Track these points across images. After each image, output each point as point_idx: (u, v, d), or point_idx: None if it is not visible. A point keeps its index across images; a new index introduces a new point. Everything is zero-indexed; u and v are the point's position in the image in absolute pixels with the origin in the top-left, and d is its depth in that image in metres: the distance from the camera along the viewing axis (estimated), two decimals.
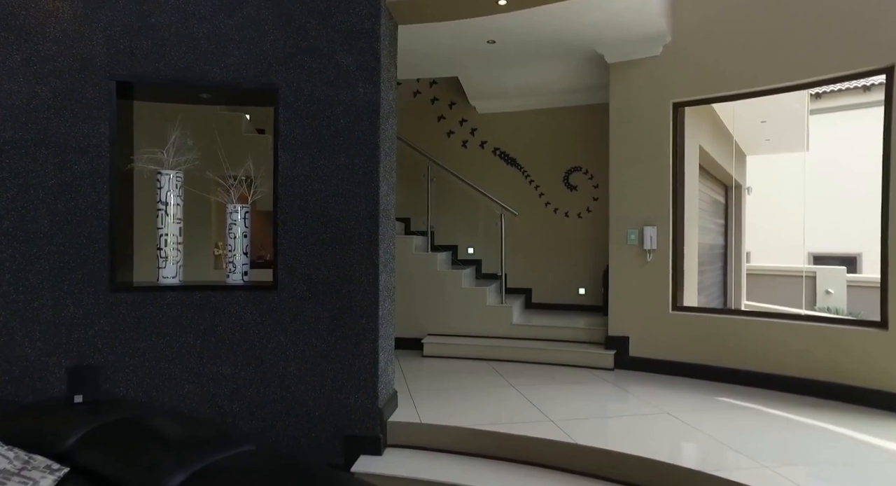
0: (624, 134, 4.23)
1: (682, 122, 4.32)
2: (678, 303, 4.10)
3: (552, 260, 5.61)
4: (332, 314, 2.83)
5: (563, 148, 5.59)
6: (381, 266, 2.90)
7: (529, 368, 4.22)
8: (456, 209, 5.82)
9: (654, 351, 4.07)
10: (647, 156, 4.15)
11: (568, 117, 5.57)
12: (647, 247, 4.09)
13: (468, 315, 4.79)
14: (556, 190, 5.61)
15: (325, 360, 2.83)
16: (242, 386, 2.78)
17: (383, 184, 2.94)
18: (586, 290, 5.50)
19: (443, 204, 5.87)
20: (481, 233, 5.78)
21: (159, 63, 2.68)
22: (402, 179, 5.87)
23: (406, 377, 3.89)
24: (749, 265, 8.33)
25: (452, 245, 5.89)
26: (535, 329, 4.66)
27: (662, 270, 4.08)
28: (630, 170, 4.21)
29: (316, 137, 2.83)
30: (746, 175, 8.30)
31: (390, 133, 3.07)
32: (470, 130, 5.83)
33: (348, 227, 2.84)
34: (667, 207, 4.09)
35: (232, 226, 2.93)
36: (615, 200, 4.26)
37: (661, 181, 4.11)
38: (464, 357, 4.51)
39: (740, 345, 3.73)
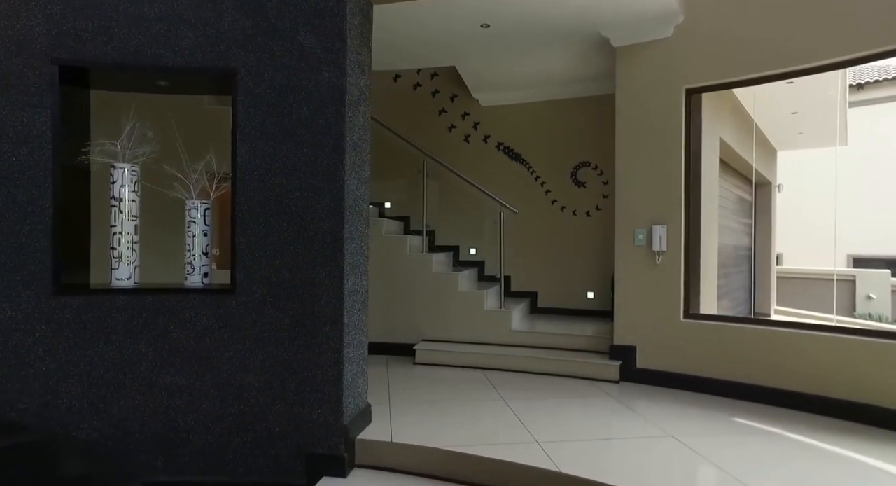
0: (631, 124, 3.87)
1: (698, 111, 3.93)
2: (691, 310, 3.72)
3: (559, 262, 5.26)
4: (294, 321, 2.58)
5: (571, 142, 5.24)
6: (349, 268, 2.64)
7: (526, 379, 3.90)
8: (457, 208, 5.53)
9: (664, 363, 3.70)
10: (657, 148, 3.78)
11: (576, 109, 5.21)
12: (656, 248, 3.72)
13: (464, 320, 4.49)
14: (564, 187, 5.27)
15: (286, 371, 2.58)
16: (197, 398, 2.56)
17: (351, 178, 2.68)
18: (595, 294, 5.14)
19: (444, 202, 5.58)
20: (485, 233, 5.47)
21: (106, 46, 2.47)
22: (400, 177, 5.64)
23: (390, 387, 3.62)
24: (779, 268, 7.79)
25: (454, 246, 5.60)
26: (535, 336, 4.34)
27: (673, 273, 3.70)
28: (638, 164, 3.84)
29: (277, 127, 2.58)
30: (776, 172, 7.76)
31: (361, 122, 2.81)
32: (472, 123, 5.53)
33: (311, 225, 2.58)
34: (678, 205, 3.72)
35: (190, 224, 2.71)
36: (621, 196, 3.91)
37: (672, 176, 3.73)
38: (457, 365, 4.22)
39: (762, 358, 3.34)
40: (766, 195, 7.56)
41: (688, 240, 3.75)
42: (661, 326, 3.73)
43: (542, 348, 4.26)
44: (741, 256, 6.86)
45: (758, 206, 7.49)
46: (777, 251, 7.78)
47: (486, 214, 5.35)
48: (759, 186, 7.33)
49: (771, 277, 7.57)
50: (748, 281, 7.03)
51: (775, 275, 7.67)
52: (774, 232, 7.66)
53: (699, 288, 3.99)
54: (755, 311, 6.74)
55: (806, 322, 3.41)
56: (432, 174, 5.27)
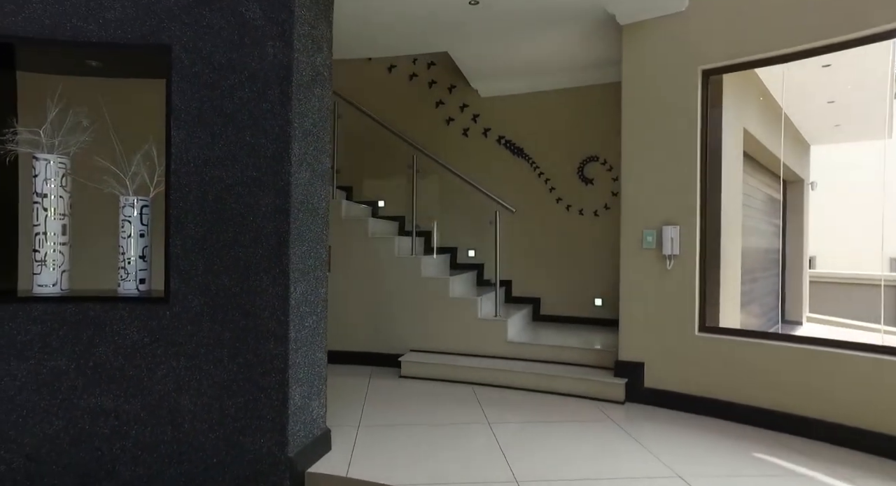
0: (639, 112, 3.43)
1: (718, 96, 3.47)
2: (707, 322, 3.26)
3: (564, 266, 4.83)
4: (234, 335, 2.24)
5: (578, 135, 4.80)
6: (297, 274, 2.28)
7: (520, 397, 3.49)
8: (456, 207, 5.15)
9: (675, 382, 3.25)
10: (669, 139, 3.33)
11: (582, 99, 4.77)
12: (667, 252, 3.27)
13: (456, 330, 4.11)
14: (570, 184, 4.83)
15: (225, 392, 2.24)
16: (126, 423, 2.23)
17: (302, 170, 2.32)
18: (604, 301, 4.69)
19: (440, 201, 5.21)
20: (485, 234, 5.06)
21: (17, 16, 2.16)
22: (396, 174, 5.29)
23: (366, 405, 3.26)
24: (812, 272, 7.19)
25: (451, 247, 5.21)
26: (533, 349, 3.92)
27: (687, 280, 3.25)
28: (647, 157, 3.40)
29: (216, 111, 2.24)
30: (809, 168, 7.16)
31: (317, 106, 2.45)
32: (472, 116, 5.14)
33: (254, 224, 2.24)
34: (693, 203, 3.26)
35: (125, 223, 2.39)
36: (628, 193, 3.46)
37: (686, 170, 3.28)
38: (446, 380, 3.83)
39: (792, 381, 2.86)
40: (797, 194, 6.97)
41: (704, 243, 3.29)
42: (673, 340, 3.28)
43: (541, 362, 3.85)
44: (770, 259, 6.31)
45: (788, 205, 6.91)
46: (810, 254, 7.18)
47: (486, 213, 4.94)
48: (789, 184, 6.74)
49: (803, 281, 6.97)
50: (778, 286, 6.47)
51: (808, 279, 7.07)
52: (807, 233, 7.06)
53: (718, 297, 3.53)
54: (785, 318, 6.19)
55: (848, 340, 2.91)
56: (428, 171, 4.90)
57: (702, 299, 3.25)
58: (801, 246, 7.16)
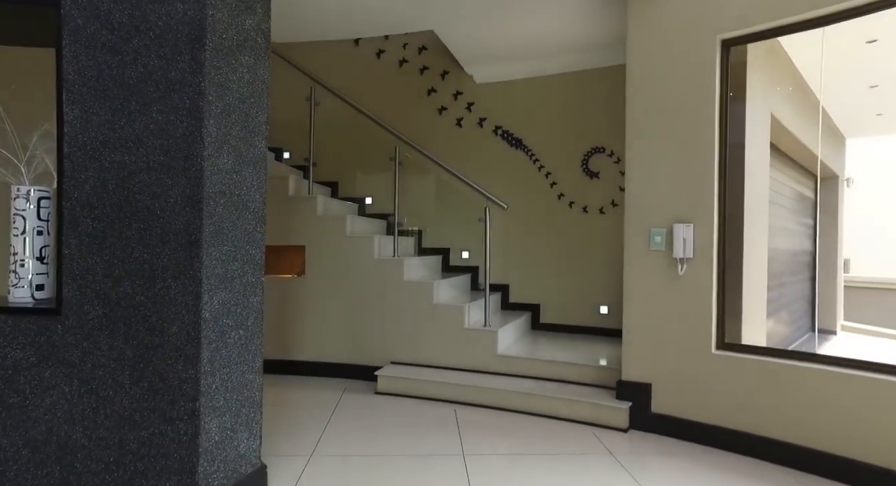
0: (647, 92, 2.95)
1: (741, 76, 2.98)
2: (727, 338, 2.76)
3: (566, 269, 4.35)
4: (137, 354, 1.84)
5: (582, 124, 4.32)
6: (213, 281, 1.88)
7: (507, 421, 3.03)
8: (448, 204, 4.71)
9: (688, 408, 2.76)
10: (682, 123, 2.84)
11: (587, 84, 4.29)
12: (678, 254, 2.79)
13: (440, 340, 3.67)
14: (573, 178, 4.35)
15: (126, 424, 1.84)
16: (2, 462, 1.85)
17: (223, 154, 1.91)
18: (610, 309, 4.20)
19: (432, 198, 4.78)
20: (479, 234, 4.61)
21: None
22: (386, 170, 4.87)
23: (328, 428, 2.84)
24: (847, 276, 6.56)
25: (444, 248, 4.78)
26: (525, 364, 3.46)
27: (702, 288, 2.76)
28: (655, 144, 2.91)
29: (118, 82, 1.85)
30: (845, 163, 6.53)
31: (247, 78, 2.04)
32: (466, 104, 4.69)
33: (162, 219, 1.84)
34: (710, 198, 2.77)
35: (16, 218, 2.02)
36: (633, 186, 2.98)
37: (702, 160, 2.79)
38: (426, 398, 3.40)
39: (832, 413, 2.36)
40: (831, 191, 6.36)
41: (724, 244, 2.79)
42: (685, 358, 2.79)
43: (534, 379, 3.39)
44: (800, 262, 5.73)
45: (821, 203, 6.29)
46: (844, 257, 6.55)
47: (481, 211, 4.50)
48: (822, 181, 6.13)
49: (837, 286, 6.35)
50: (809, 291, 5.88)
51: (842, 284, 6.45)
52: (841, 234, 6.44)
53: (739, 308, 3.03)
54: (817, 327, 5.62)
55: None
56: (420, 164, 4.47)
57: (720, 310, 2.76)
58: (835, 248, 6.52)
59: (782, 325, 4.73)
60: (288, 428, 2.83)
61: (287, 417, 3.01)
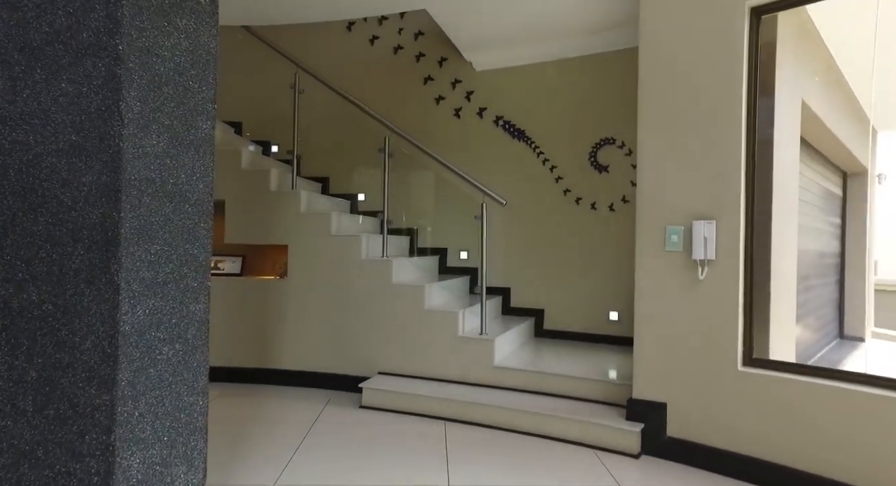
0: (662, 75, 2.58)
1: (771, 53, 2.61)
2: (755, 353, 2.39)
3: (572, 271, 3.99)
4: (43, 374, 1.53)
5: (590, 113, 3.96)
6: (137, 287, 1.55)
7: (501, 442, 2.69)
8: (446, 201, 4.37)
9: (709, 433, 2.39)
10: (703, 107, 2.47)
11: (596, 70, 3.93)
12: (698, 255, 2.42)
13: (432, 349, 3.33)
14: (580, 172, 3.99)
15: (26, 460, 1.53)
16: None
17: (149, 134, 1.59)
18: (620, 315, 3.83)
19: (426, 194, 4.45)
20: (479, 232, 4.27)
21: None
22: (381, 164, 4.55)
23: (298, 450, 2.52)
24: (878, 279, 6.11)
25: (441, 248, 4.44)
26: (525, 377, 3.11)
27: (726, 294, 2.39)
28: (671, 132, 2.55)
29: (18, 45, 1.54)
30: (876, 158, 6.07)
31: (183, 45, 1.72)
32: (465, 93, 4.35)
33: (74, 211, 1.52)
34: (736, 191, 2.40)
35: None
36: (646, 180, 2.62)
37: (727, 148, 2.42)
38: (414, 414, 3.06)
39: (888, 446, 1.98)
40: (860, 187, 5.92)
41: (751, 244, 2.42)
42: (706, 375, 2.42)
43: (535, 394, 3.04)
44: (826, 264, 5.31)
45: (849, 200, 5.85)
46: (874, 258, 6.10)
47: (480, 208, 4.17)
48: (850, 176, 5.68)
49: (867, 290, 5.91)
50: (836, 295, 5.46)
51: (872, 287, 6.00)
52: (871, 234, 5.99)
53: (768, 317, 2.65)
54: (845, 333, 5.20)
55: None
56: (413, 158, 4.14)
57: (747, 320, 2.39)
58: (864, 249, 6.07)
59: (808, 332, 4.33)
60: (251, 452, 2.51)
61: (254, 437, 2.69)
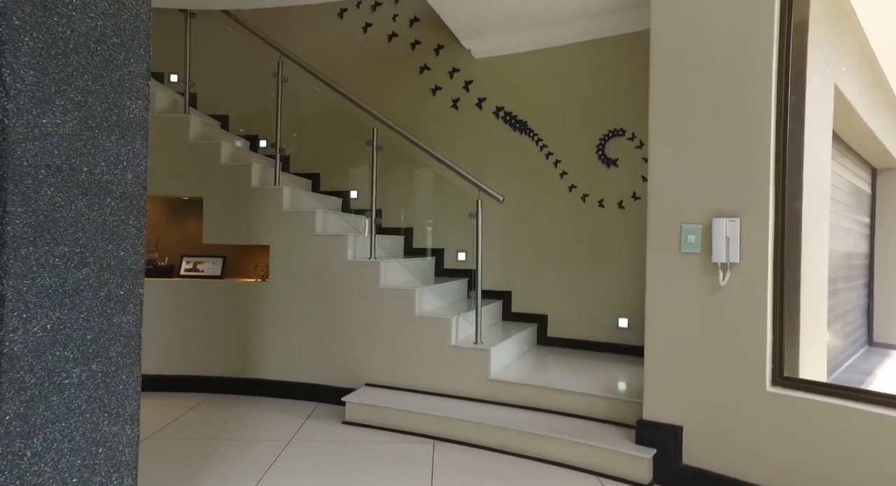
0: (677, 55, 2.28)
1: (804, 27, 2.30)
2: (786, 371, 2.07)
3: (578, 274, 3.69)
4: None
5: (598, 102, 3.65)
6: (31, 296, 1.29)
7: (494, 466, 2.40)
8: (443, 199, 4.10)
9: (733, 463, 2.08)
10: (726, 91, 2.16)
11: (605, 55, 3.62)
12: (719, 258, 2.11)
13: (423, 359, 3.06)
14: (586, 166, 3.69)
15: None
16: None
17: (50, 111, 1.33)
18: (630, 322, 3.52)
19: (423, 190, 4.18)
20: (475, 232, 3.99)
21: None
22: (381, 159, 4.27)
23: (266, 475, 2.26)
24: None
25: (438, 249, 4.16)
26: (523, 391, 2.82)
27: (753, 302, 2.08)
28: (688, 121, 2.24)
29: None
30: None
31: (99, 6, 1.45)
32: (463, 83, 4.07)
33: None
34: (764, 183, 2.09)
35: None
36: (659, 173, 2.31)
37: (752, 136, 2.11)
38: (400, 431, 2.79)
39: None
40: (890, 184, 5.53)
41: (782, 245, 2.10)
42: (730, 396, 2.11)
43: (534, 411, 2.75)
44: (855, 266, 4.94)
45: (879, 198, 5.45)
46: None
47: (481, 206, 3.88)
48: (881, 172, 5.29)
49: None
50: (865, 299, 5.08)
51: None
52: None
53: (797, 327, 2.33)
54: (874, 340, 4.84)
55: None
56: (409, 152, 3.87)
57: (777, 333, 2.07)
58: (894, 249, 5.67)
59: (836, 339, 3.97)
60: (212, 477, 2.26)
61: (219, 458, 2.44)
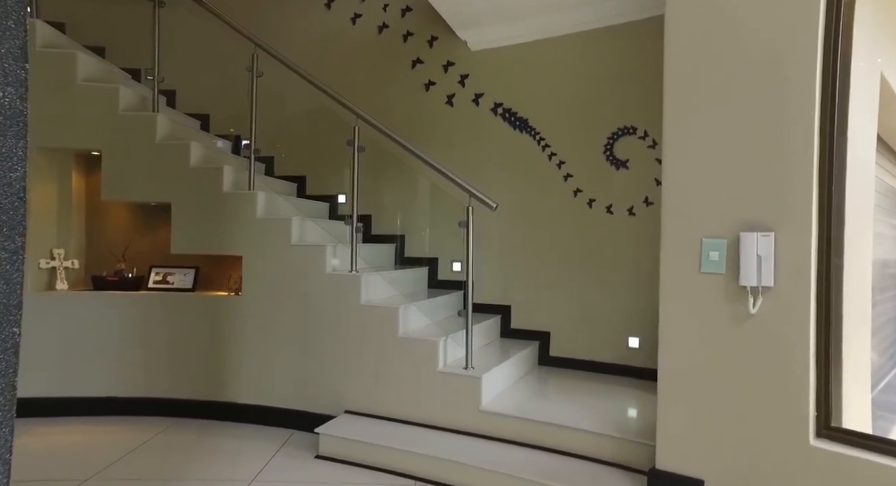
0: (698, 38, 1.92)
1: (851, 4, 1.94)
2: (832, 419, 1.71)
3: (584, 287, 3.34)
4: None
5: (606, 97, 3.30)
6: None
7: None
8: (437, 204, 3.77)
9: None
10: (758, 80, 1.81)
11: (613, 44, 3.27)
12: (748, 281, 1.75)
13: (406, 386, 2.73)
14: (593, 168, 3.34)
15: None
16: None
17: None
18: (642, 342, 3.16)
19: (416, 194, 3.85)
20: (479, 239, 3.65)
21: None
22: (369, 161, 3.94)
23: None
24: None
25: (431, 258, 3.84)
26: (519, 425, 2.48)
27: (791, 336, 1.72)
28: (710, 115, 1.89)
29: None
30: None
31: None
32: (458, 77, 3.74)
33: None
34: (805, 191, 1.73)
35: None
36: (674, 177, 1.96)
37: (793, 134, 1.75)
38: (380, 469, 2.46)
39: None
40: None
41: (828, 265, 1.74)
42: (762, 448, 1.75)
43: (531, 448, 2.40)
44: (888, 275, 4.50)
45: None
46: None
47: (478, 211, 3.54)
48: None
49: None
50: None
51: None
52: None
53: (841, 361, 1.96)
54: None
55: None
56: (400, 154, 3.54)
57: (823, 374, 1.71)
58: None
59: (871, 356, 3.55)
60: None
61: None
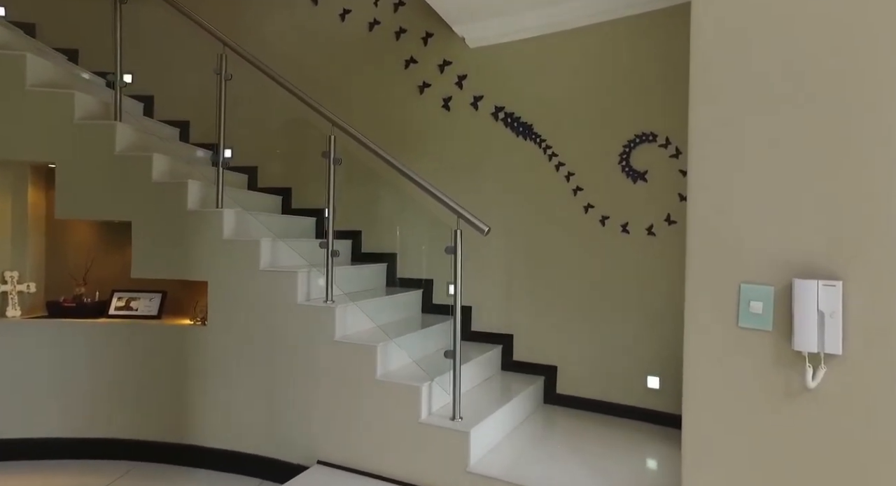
0: (734, 24, 1.50)
1: None
2: None
3: (595, 316, 2.92)
4: None
5: (622, 99, 2.87)
6: None
7: None
8: (434, 220, 3.38)
9: None
10: (814, 77, 1.38)
11: (629, 38, 2.84)
12: (805, 345, 1.32)
13: (385, 437, 2.35)
14: (607, 181, 2.91)
15: None
16: None
17: None
18: (663, 382, 2.73)
19: (408, 209, 3.48)
20: (478, 261, 3.25)
21: None
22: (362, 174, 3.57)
23: None
24: None
25: (426, 279, 3.45)
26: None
27: (871, 422, 1.28)
28: (752, 117, 1.46)
29: None
30: None
31: None
32: (456, 78, 3.34)
33: None
34: (892, 231, 1.29)
35: None
36: (702, 198, 1.54)
37: (871, 154, 1.31)
38: None
39: None
40: None
41: None
42: None
43: None
44: None
45: None
46: None
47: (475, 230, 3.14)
48: None
49: None
50: None
51: None
52: None
53: None
54: None
55: None
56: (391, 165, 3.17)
57: None
58: None
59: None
60: None
61: None
